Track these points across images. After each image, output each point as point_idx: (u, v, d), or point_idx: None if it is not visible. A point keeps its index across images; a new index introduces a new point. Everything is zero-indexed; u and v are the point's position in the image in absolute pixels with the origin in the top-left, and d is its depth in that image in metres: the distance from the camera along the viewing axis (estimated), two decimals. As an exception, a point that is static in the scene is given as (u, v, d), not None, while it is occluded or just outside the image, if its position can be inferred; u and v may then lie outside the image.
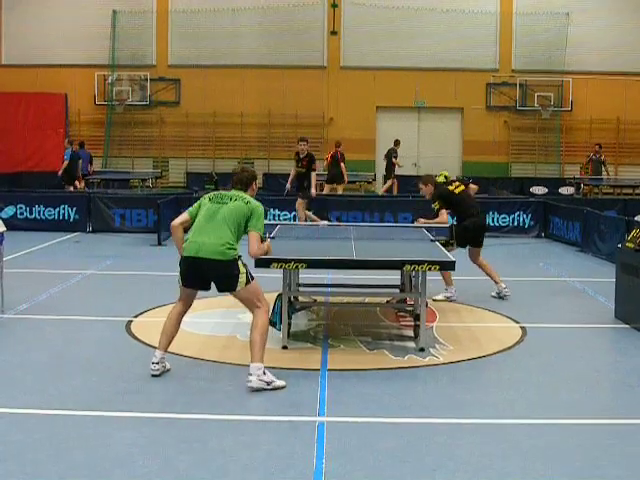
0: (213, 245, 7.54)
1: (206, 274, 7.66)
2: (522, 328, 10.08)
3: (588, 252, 16.70)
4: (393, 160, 26.99)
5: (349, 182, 24.44)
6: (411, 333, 9.57)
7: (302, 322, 10.23)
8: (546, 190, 31.22)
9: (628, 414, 7.08)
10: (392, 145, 27.58)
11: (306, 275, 10.94)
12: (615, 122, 33.85)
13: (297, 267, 8.74)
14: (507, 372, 8.35)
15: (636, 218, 17.69)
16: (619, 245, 11.08)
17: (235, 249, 7.61)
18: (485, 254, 12.24)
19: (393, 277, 10.97)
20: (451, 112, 33.67)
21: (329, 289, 10.97)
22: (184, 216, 8.00)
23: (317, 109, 32.98)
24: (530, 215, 19.83)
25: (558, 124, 34.18)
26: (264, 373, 7.43)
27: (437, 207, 11.65)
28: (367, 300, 11.01)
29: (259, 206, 7.75)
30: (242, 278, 7.55)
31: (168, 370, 7.89)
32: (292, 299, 9.72)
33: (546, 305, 11.75)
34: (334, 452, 6.00)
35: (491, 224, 19.10)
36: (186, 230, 7.97)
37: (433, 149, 29.13)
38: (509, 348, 9.20)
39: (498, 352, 9.01)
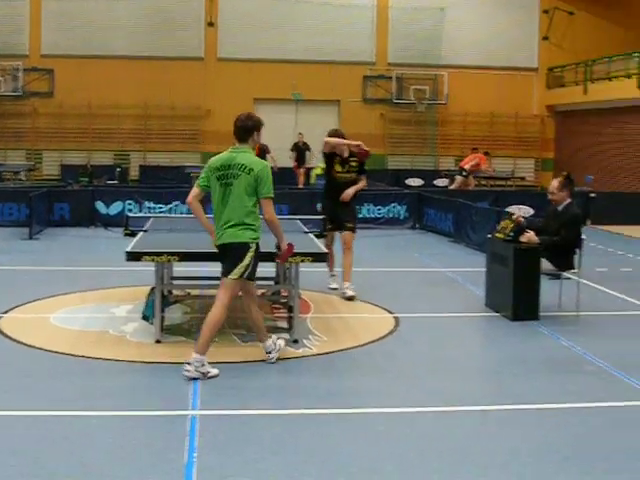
0: (231, 229, 7.70)
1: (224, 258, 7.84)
2: (395, 318, 10.21)
3: (461, 243, 17.10)
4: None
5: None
6: (285, 325, 9.60)
7: (176, 316, 10.13)
8: (422, 182, 31.81)
9: (497, 400, 7.25)
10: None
11: (182, 268, 10.83)
12: (489, 116, 34.75)
13: (169, 260, 8.66)
14: (380, 362, 8.46)
15: (507, 209, 18.20)
16: (489, 235, 11.37)
17: (252, 226, 7.76)
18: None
19: (269, 269, 10.97)
20: (328, 105, 33.97)
21: (204, 282, 10.88)
22: (195, 190, 8.01)
23: (194, 101, 32.79)
24: (405, 207, 20.17)
25: (433, 117, 34.86)
26: (202, 365, 7.52)
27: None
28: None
29: (263, 168, 7.79)
30: (239, 269, 7.68)
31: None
32: (165, 292, 9.62)
33: (419, 295, 11.96)
34: (207, 445, 5.96)
35: (367, 216, 19.37)
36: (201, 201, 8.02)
37: (311, 142, 29.15)
38: (382, 338, 9.32)
39: (371, 342, 9.12)
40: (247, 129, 7.88)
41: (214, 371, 7.64)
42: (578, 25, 35.04)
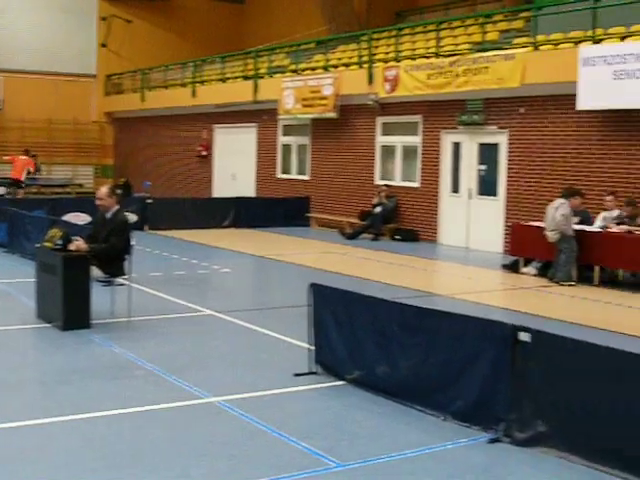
0: None
1: None
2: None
3: (16, 253, 16.50)
4: None
5: None
6: None
7: None
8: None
9: (45, 413, 7.06)
10: None
11: None
12: (47, 122, 34.03)
13: None
14: None
15: (64, 217, 17.92)
16: (37, 245, 11.10)
17: None
18: None
19: None
20: None
21: None
22: None
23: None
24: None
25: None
26: None
27: None
28: None
29: None
30: None
31: None
32: None
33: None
34: None
35: None
36: None
37: None
38: None
39: None
40: None
41: None
42: (136, 33, 35.58)
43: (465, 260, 18.10)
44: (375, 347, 7.69)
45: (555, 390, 6.31)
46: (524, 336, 6.38)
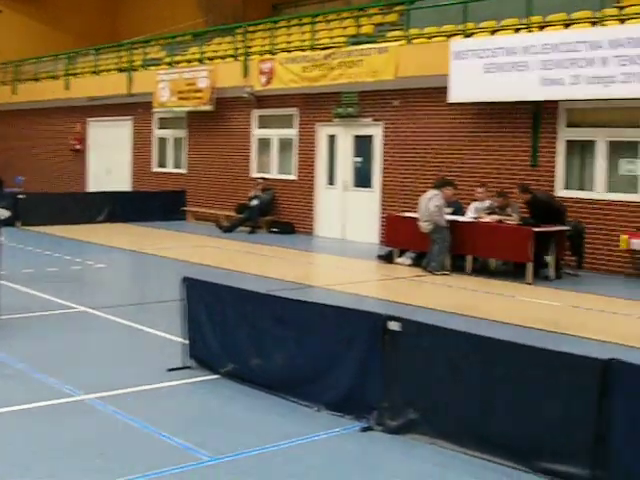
0: None
1: None
2: None
3: None
4: None
5: None
6: None
7: None
8: None
9: None
10: None
11: None
12: None
13: None
14: None
15: None
16: None
17: None
18: None
19: None
20: None
21: None
22: None
23: None
24: None
25: None
26: None
27: None
28: None
29: None
30: None
31: None
32: None
33: None
34: None
35: None
36: None
37: None
38: None
39: None
40: None
41: None
42: (6, 24, 34.49)
43: (341, 251, 18.26)
44: (248, 340, 7.68)
45: (425, 378, 6.42)
46: (394, 325, 6.47)
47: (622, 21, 15.51)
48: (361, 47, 19.01)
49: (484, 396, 6.05)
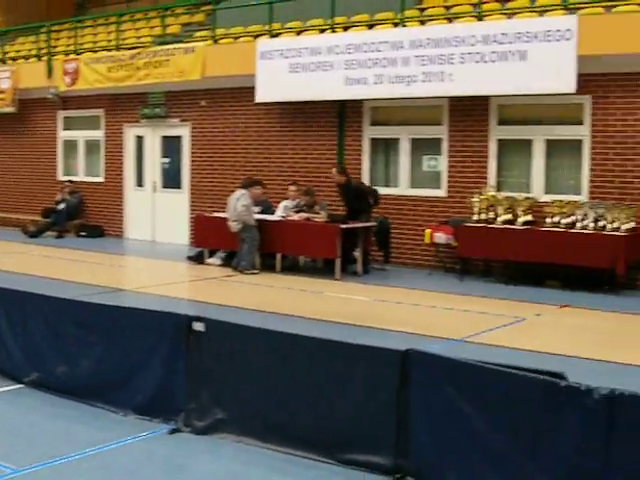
0: None
1: None
2: None
3: None
4: None
5: None
6: None
7: None
8: None
9: None
10: None
11: None
12: None
13: None
14: None
15: None
16: None
17: None
18: None
19: None
20: None
21: None
22: None
23: None
24: None
25: None
26: None
27: None
28: None
29: None
30: None
31: None
32: None
33: None
34: None
35: None
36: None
37: None
38: None
39: None
40: None
41: None
42: None
43: (151, 254, 18.07)
44: (52, 347, 7.49)
45: (230, 377, 6.47)
46: (198, 326, 6.48)
47: (423, 22, 16.10)
48: (167, 47, 18.86)
49: (286, 392, 6.16)
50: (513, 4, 15.65)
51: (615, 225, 13.08)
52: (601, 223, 13.24)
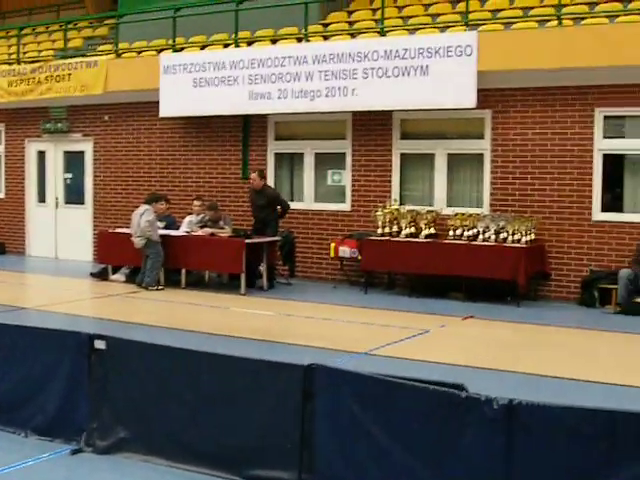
0: None
1: None
2: None
3: None
4: None
5: None
6: None
7: None
8: None
9: None
10: None
11: None
12: None
13: None
14: None
15: None
16: None
17: None
18: None
19: None
20: None
21: None
22: None
23: None
24: None
25: None
26: None
27: None
28: None
29: None
30: None
31: None
32: None
33: None
34: None
35: None
36: None
37: None
38: None
39: None
40: None
41: None
42: None
43: (54, 271, 17.73)
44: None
45: (132, 395, 6.39)
46: (99, 344, 6.39)
47: (326, 38, 16.24)
48: (70, 61, 18.58)
49: (191, 409, 6.10)
50: (415, 20, 15.93)
51: (516, 237, 13.39)
52: (502, 235, 13.54)
